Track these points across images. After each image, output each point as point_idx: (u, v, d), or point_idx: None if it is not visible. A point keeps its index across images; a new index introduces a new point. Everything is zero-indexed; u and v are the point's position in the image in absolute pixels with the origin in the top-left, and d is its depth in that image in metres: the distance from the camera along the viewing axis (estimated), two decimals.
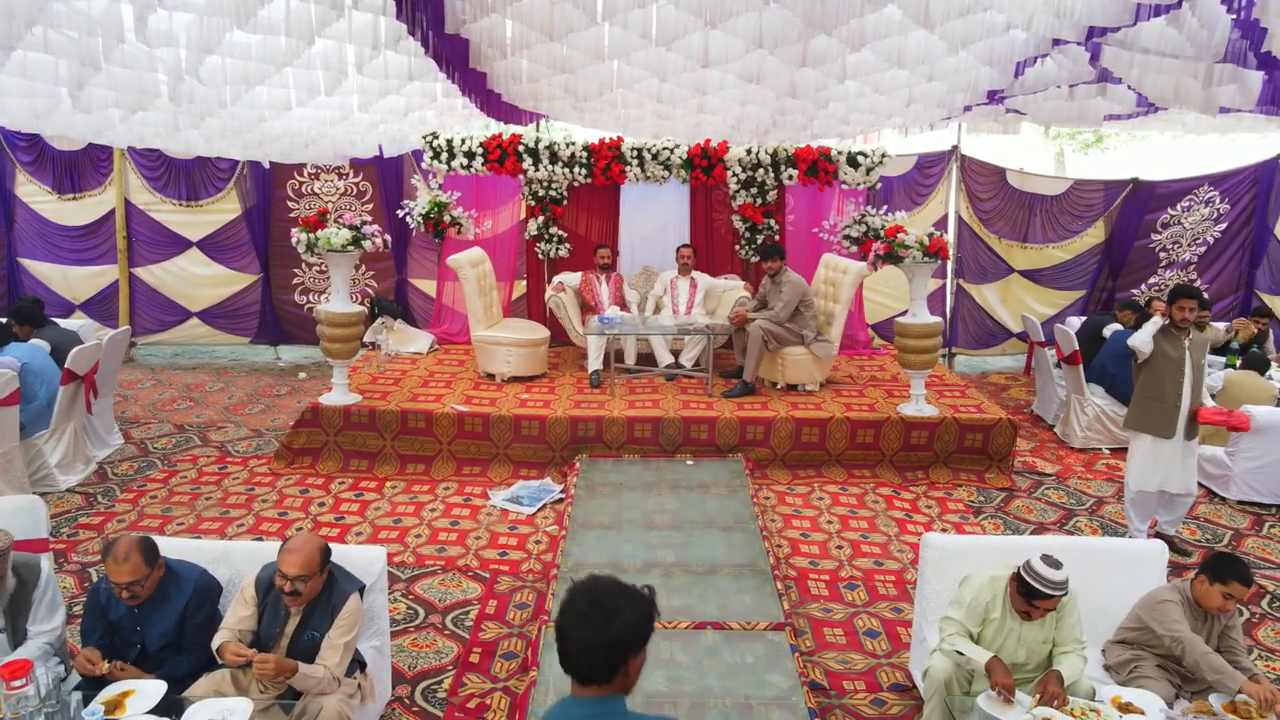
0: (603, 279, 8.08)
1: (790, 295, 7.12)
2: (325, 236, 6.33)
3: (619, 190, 8.61)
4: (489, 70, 5.80)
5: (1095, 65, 5.51)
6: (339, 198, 9.01)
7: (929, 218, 9.28)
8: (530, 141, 8.19)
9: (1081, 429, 7.33)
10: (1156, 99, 5.55)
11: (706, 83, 5.79)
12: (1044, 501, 6.33)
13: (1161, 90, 5.27)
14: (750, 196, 8.38)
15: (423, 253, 9.15)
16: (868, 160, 8.16)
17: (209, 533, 5.51)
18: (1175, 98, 5.26)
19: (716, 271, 8.60)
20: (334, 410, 6.64)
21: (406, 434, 6.68)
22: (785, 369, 7.31)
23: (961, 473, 6.72)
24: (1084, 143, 24.10)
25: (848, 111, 6.69)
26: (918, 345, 6.66)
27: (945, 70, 5.67)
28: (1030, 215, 9.26)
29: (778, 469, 6.70)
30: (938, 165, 9.25)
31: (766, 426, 6.70)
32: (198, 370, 9.14)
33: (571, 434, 6.66)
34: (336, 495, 6.17)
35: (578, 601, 2.06)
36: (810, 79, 5.76)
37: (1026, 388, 9.02)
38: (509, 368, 7.44)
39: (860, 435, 6.73)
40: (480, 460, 6.69)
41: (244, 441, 7.12)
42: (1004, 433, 6.71)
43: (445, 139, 8.18)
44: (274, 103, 5.95)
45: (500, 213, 8.76)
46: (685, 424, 6.68)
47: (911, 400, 6.84)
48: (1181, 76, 5.02)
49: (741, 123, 6.99)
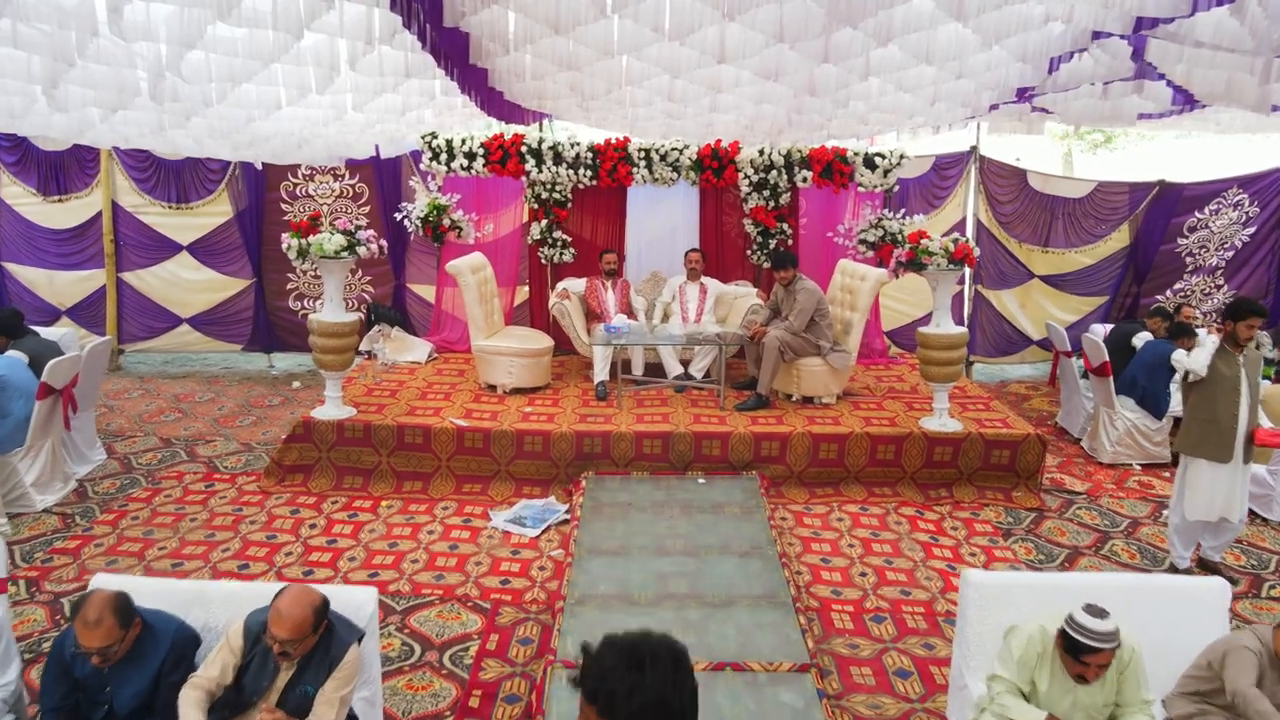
0: (608, 285, 7.75)
1: (805, 304, 6.78)
2: (318, 242, 6.00)
3: (625, 193, 8.28)
4: (490, 67, 5.46)
5: (1137, 60, 5.18)
6: (334, 200, 8.68)
7: (946, 221, 8.95)
8: (533, 142, 7.87)
9: (1111, 444, 6.99)
10: (1204, 96, 5.22)
11: (721, 80, 5.46)
12: (1076, 523, 5.99)
13: (1211, 87, 4.94)
14: (762, 199, 8.05)
15: (422, 257, 8.82)
16: (885, 162, 7.83)
17: (192, 558, 5.18)
18: (1226, 94, 4.92)
19: (727, 277, 8.27)
20: (326, 425, 6.31)
21: (403, 450, 6.36)
22: (800, 381, 6.97)
23: (987, 491, 6.38)
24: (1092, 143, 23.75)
25: (868, 110, 6.35)
26: (941, 357, 6.32)
27: (975, 67, 5.34)
28: (1052, 219, 8.93)
29: (794, 487, 6.37)
30: (956, 167, 8.91)
31: (782, 442, 6.36)
32: (188, 379, 8.81)
33: (577, 450, 6.33)
34: (329, 516, 5.84)
35: (661, 665, 1.78)
36: (831, 76, 5.42)
37: (1049, 398, 8.69)
38: (511, 379, 7.11)
39: (881, 451, 6.40)
40: (481, 477, 6.36)
41: (233, 456, 6.79)
42: (1032, 449, 6.38)
43: (445, 139, 7.85)
44: (263, 101, 5.63)
45: (502, 216, 8.43)
46: (696, 440, 6.35)
47: (934, 414, 6.51)
48: (1235, 72, 4.69)
49: (755, 122, 6.66)
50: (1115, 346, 7.18)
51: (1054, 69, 5.30)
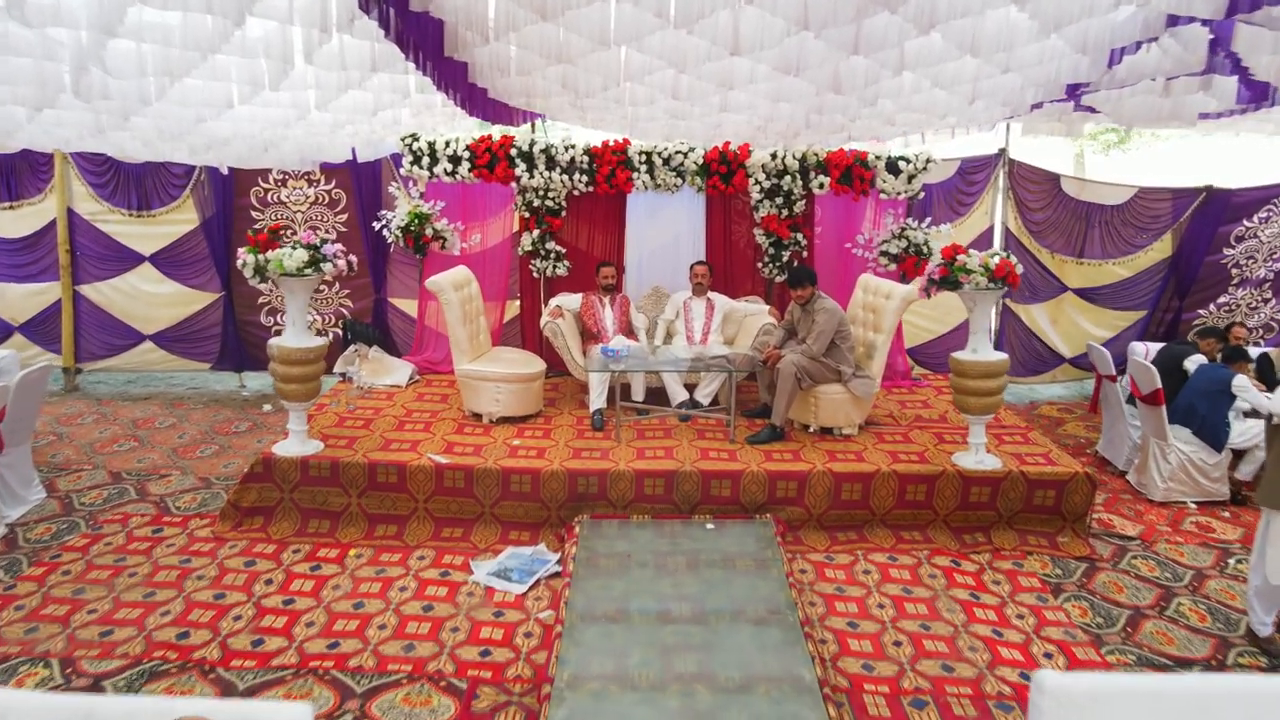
0: (606, 301, 7.06)
1: (825, 325, 6.10)
2: (277, 259, 5.32)
3: (625, 200, 7.60)
4: (469, 59, 4.78)
5: (1214, 51, 4.50)
6: (309, 207, 8.00)
7: (972, 230, 8.28)
8: (523, 144, 7.19)
9: (1163, 479, 6.30)
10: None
11: (733, 74, 4.77)
12: (1133, 575, 5.30)
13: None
14: (775, 207, 7.37)
15: (404, 269, 8.14)
16: (910, 166, 7.15)
17: (124, 624, 4.49)
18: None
19: (735, 292, 7.60)
20: (289, 462, 5.63)
21: (375, 490, 5.67)
22: (819, 410, 6.29)
23: (1029, 536, 5.70)
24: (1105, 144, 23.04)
25: (896, 110, 5.67)
26: (979, 387, 5.63)
27: (1025, 59, 4.65)
28: (1088, 227, 8.24)
29: (813, 531, 5.68)
30: (983, 171, 8.23)
31: (800, 482, 5.68)
32: (149, 401, 8.12)
33: (570, 491, 5.64)
34: (288, 568, 5.16)
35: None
36: (859, 70, 4.74)
37: (1086, 422, 8.00)
38: (498, 407, 6.43)
39: (910, 492, 5.71)
40: (462, 520, 5.68)
41: (188, 495, 6.10)
42: (1080, 490, 5.69)
43: (426, 141, 7.17)
44: (211, 99, 4.94)
45: (490, 225, 7.76)
46: (704, 479, 5.67)
47: (969, 450, 5.82)
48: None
49: (770, 123, 5.97)
50: (1164, 370, 6.49)
51: (1114, 62, 4.61)
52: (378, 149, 7.52)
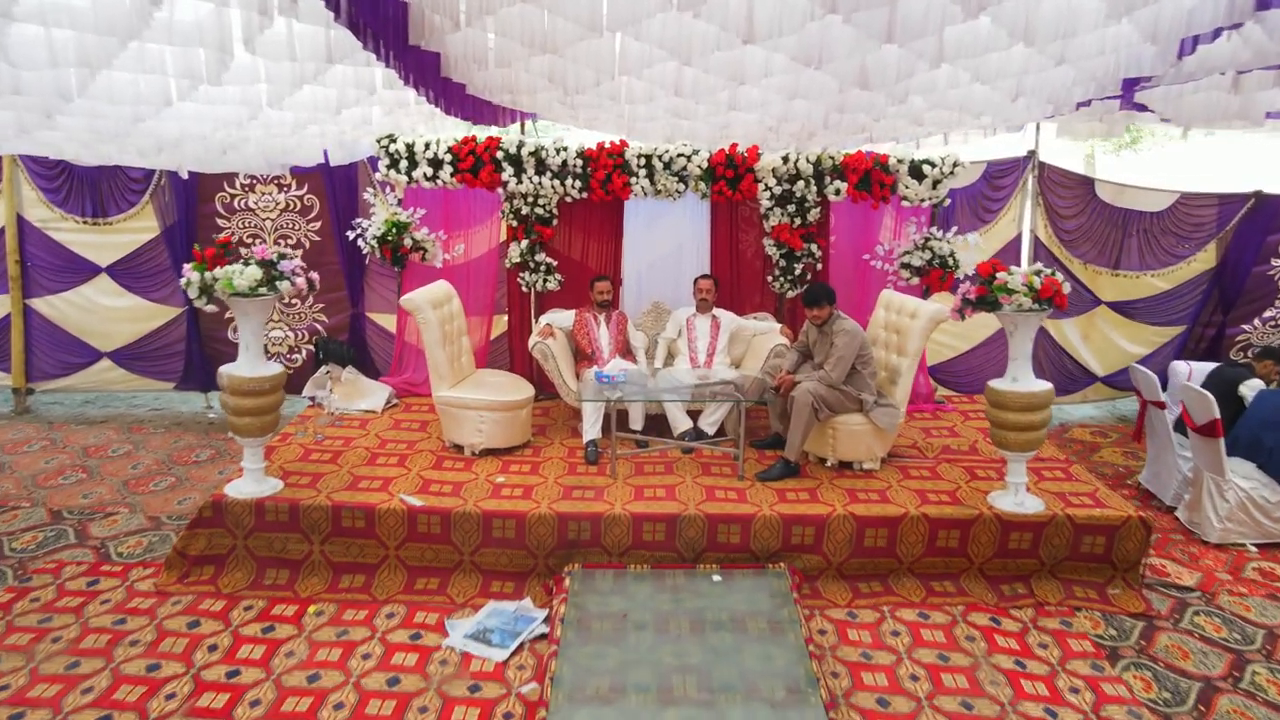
0: (601, 319, 6.43)
1: (845, 349, 5.47)
2: (225, 277, 4.68)
3: (622, 208, 6.96)
4: (440, 49, 4.14)
5: None
6: (279, 214, 7.36)
7: (998, 238, 7.64)
8: (510, 146, 6.55)
9: (1219, 519, 5.66)
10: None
11: (745, 67, 4.14)
12: (1198, 636, 4.66)
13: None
14: (786, 215, 6.73)
15: (383, 281, 7.50)
16: (936, 170, 6.51)
17: (39, 705, 3.86)
18: None
19: (743, 308, 6.96)
20: (242, 505, 5.00)
21: (340, 536, 5.04)
22: (837, 442, 5.65)
23: (1075, 587, 5.07)
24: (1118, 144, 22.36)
25: (926, 108, 5.03)
26: (1020, 420, 5.00)
27: (1085, 49, 4.01)
28: (1124, 236, 7.60)
29: (833, 582, 5.05)
30: (1010, 175, 7.58)
31: (818, 527, 5.05)
32: (106, 425, 7.48)
33: (559, 537, 5.01)
34: (236, 630, 4.52)
35: None
36: (891, 62, 4.10)
37: (1122, 448, 7.36)
38: (481, 438, 5.79)
39: (942, 537, 5.08)
40: (438, 569, 5.05)
41: (133, 538, 5.47)
42: (1133, 536, 5.06)
43: (404, 143, 6.54)
44: (146, 94, 4.30)
45: (475, 235, 7.12)
46: (710, 523, 5.04)
47: (1009, 490, 5.19)
48: None
49: (783, 123, 5.34)
50: (1215, 395, 5.85)
51: (1185, 52, 3.98)
52: (352, 151, 6.89)
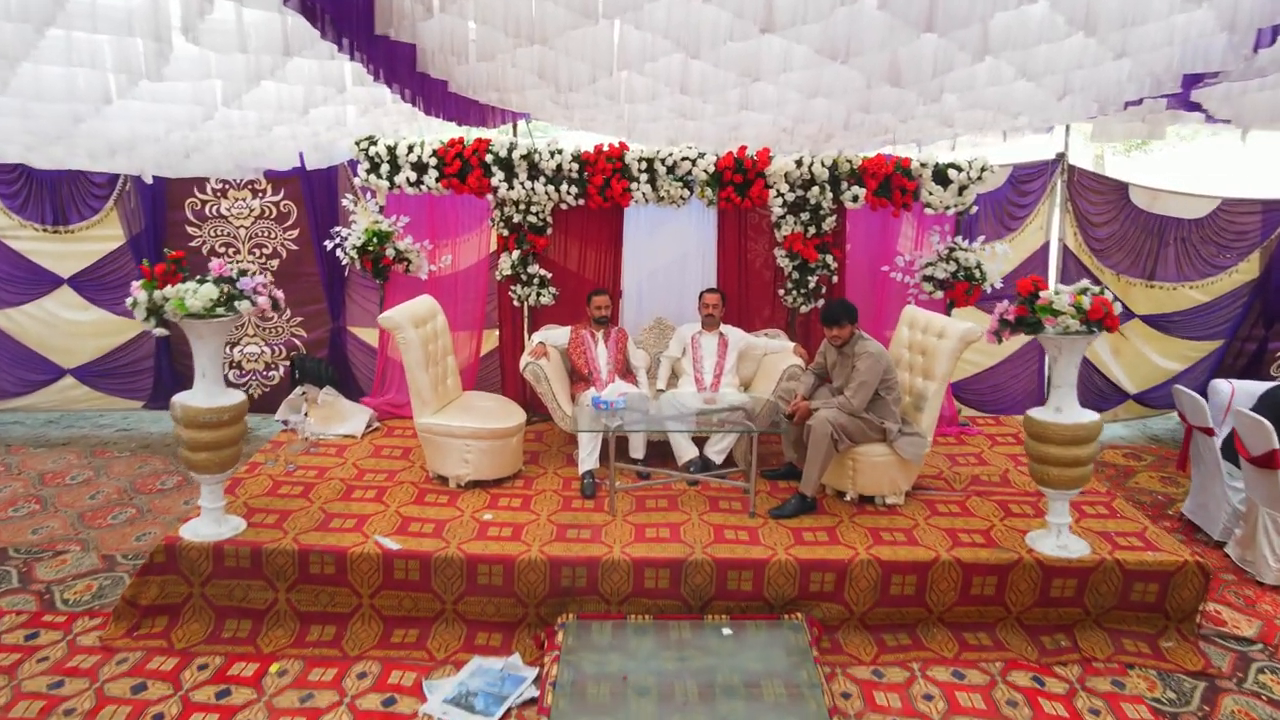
0: (599, 337, 5.92)
1: (868, 374, 4.96)
2: (176, 297, 4.18)
3: (622, 215, 6.46)
4: (415, 41, 3.63)
5: None
6: (254, 222, 6.86)
7: (1024, 247, 7.14)
8: (501, 149, 6.05)
9: (1276, 557, 5.15)
10: None
11: (761, 60, 3.63)
12: (1265, 699, 4.15)
13: None
14: (800, 224, 6.23)
15: (367, 293, 6.99)
16: (962, 175, 6.00)
17: None
18: None
19: (751, 324, 6.46)
20: (198, 550, 4.50)
21: (309, 583, 4.54)
22: (858, 475, 5.15)
23: (1124, 639, 4.57)
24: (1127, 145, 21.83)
25: (960, 108, 4.52)
26: (1065, 455, 4.49)
27: (1153, 38, 3.51)
28: (1160, 245, 7.10)
29: (856, 634, 4.55)
30: (1038, 179, 7.08)
31: (839, 573, 4.54)
32: (68, 448, 6.97)
33: (552, 584, 4.51)
34: (187, 695, 4.02)
35: None
36: (928, 55, 3.60)
37: (1157, 471, 6.85)
38: (467, 469, 5.29)
39: (976, 585, 4.58)
40: (418, 620, 4.55)
41: (82, 581, 4.96)
42: (1189, 583, 4.57)
43: (385, 145, 6.04)
44: (82, 91, 3.80)
45: (463, 244, 6.62)
46: (719, 569, 4.53)
47: (1050, 531, 4.69)
48: None
49: (800, 124, 4.84)
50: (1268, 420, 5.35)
51: (1263, 44, 3.48)
52: (329, 154, 6.38)
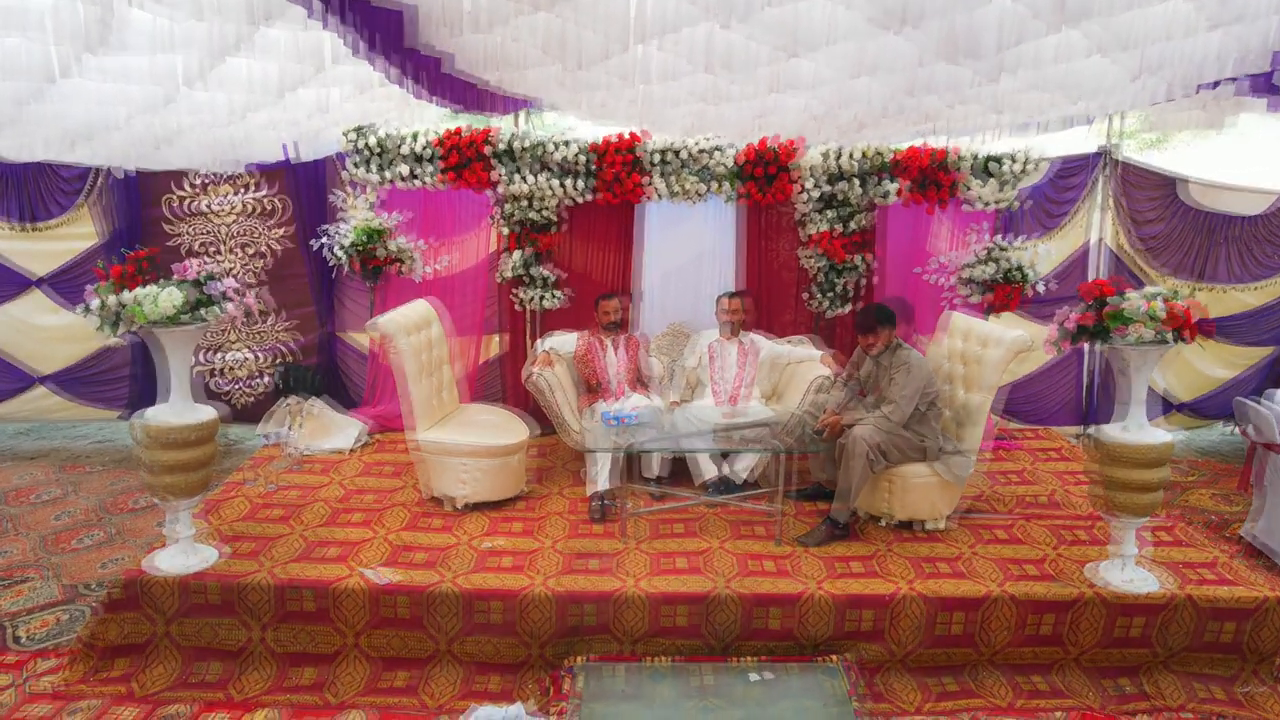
0: (610, 344, 5.45)
1: (910, 386, 4.48)
2: (136, 303, 3.71)
3: (635, 212, 5.98)
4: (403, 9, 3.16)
5: None
6: (238, 219, 6.39)
7: (1065, 246, 6.64)
8: (503, 140, 5.57)
9: None
10: None
11: (802, 31, 3.14)
12: None
13: None
14: (828, 222, 5.74)
15: (359, 296, 6.51)
16: (1008, 168, 5.52)
17: None
18: None
19: (775, 329, 5.97)
20: (165, 585, 4.03)
21: (289, 621, 4.07)
22: (896, 497, 4.68)
23: (1196, 684, 4.09)
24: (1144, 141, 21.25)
25: (1019, 89, 4.03)
26: (1135, 479, 4.00)
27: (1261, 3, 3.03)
28: (1212, 244, 6.61)
29: (899, 677, 4.07)
30: (1080, 174, 6.58)
31: (879, 610, 4.07)
32: (38, 462, 6.50)
33: (560, 622, 4.04)
34: None
35: None
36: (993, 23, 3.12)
37: (1211, 489, 6.35)
38: (466, 490, 4.82)
39: (1032, 623, 4.10)
40: (410, 661, 4.08)
41: (40, 615, 4.48)
42: (1272, 621, 4.09)
43: (377, 136, 5.57)
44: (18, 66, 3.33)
45: (463, 243, 6.16)
46: (746, 606, 4.06)
47: (1116, 564, 4.20)
48: None
49: (837, 110, 4.35)
50: None
51: None
52: (316, 146, 5.91)
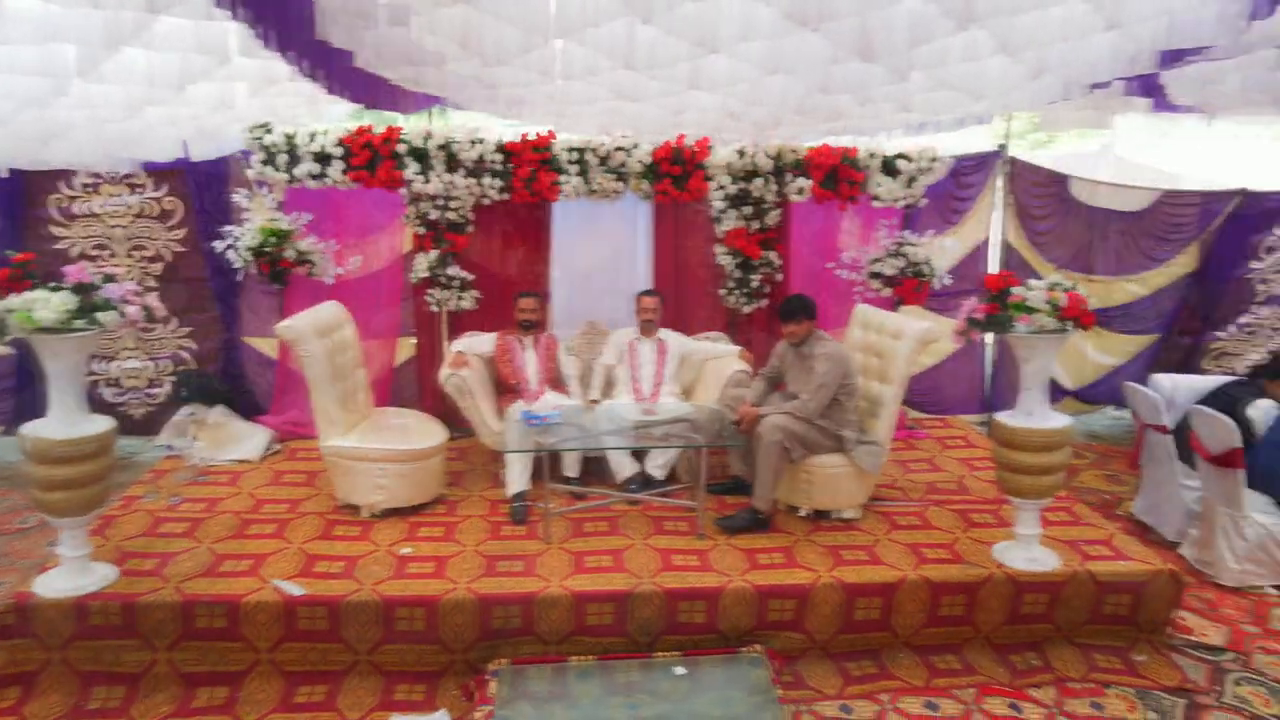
0: (527, 344, 5.40)
1: (828, 376, 4.58)
2: (22, 309, 3.49)
3: (550, 211, 5.95)
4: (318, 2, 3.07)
5: None
6: (132, 221, 6.09)
7: (965, 242, 6.90)
8: (415, 138, 5.46)
9: (1236, 559, 4.97)
10: None
11: (720, 27, 3.18)
12: (1247, 714, 3.92)
13: None
14: (742, 219, 5.82)
15: (264, 299, 6.27)
16: (913, 165, 5.70)
17: None
18: None
19: (690, 326, 6.02)
20: (57, 608, 3.81)
21: (195, 640, 3.90)
22: (813, 488, 4.77)
23: (1096, 654, 4.30)
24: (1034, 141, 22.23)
25: (926, 88, 4.17)
26: (1036, 463, 4.19)
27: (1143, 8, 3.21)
28: (1100, 238, 6.97)
29: (818, 665, 4.16)
30: (979, 172, 6.85)
31: (799, 600, 4.15)
32: None
33: (481, 626, 3.99)
34: None
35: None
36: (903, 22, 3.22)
37: (1101, 470, 6.70)
38: (382, 496, 4.71)
39: (945, 604, 4.25)
40: (326, 674, 3.96)
41: None
42: (1162, 592, 4.33)
43: (283, 133, 5.39)
44: None
45: (374, 244, 6.01)
46: (668, 600, 4.08)
47: (1019, 544, 4.39)
48: None
49: (751, 107, 4.41)
50: None
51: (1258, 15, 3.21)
52: (218, 143, 5.68)
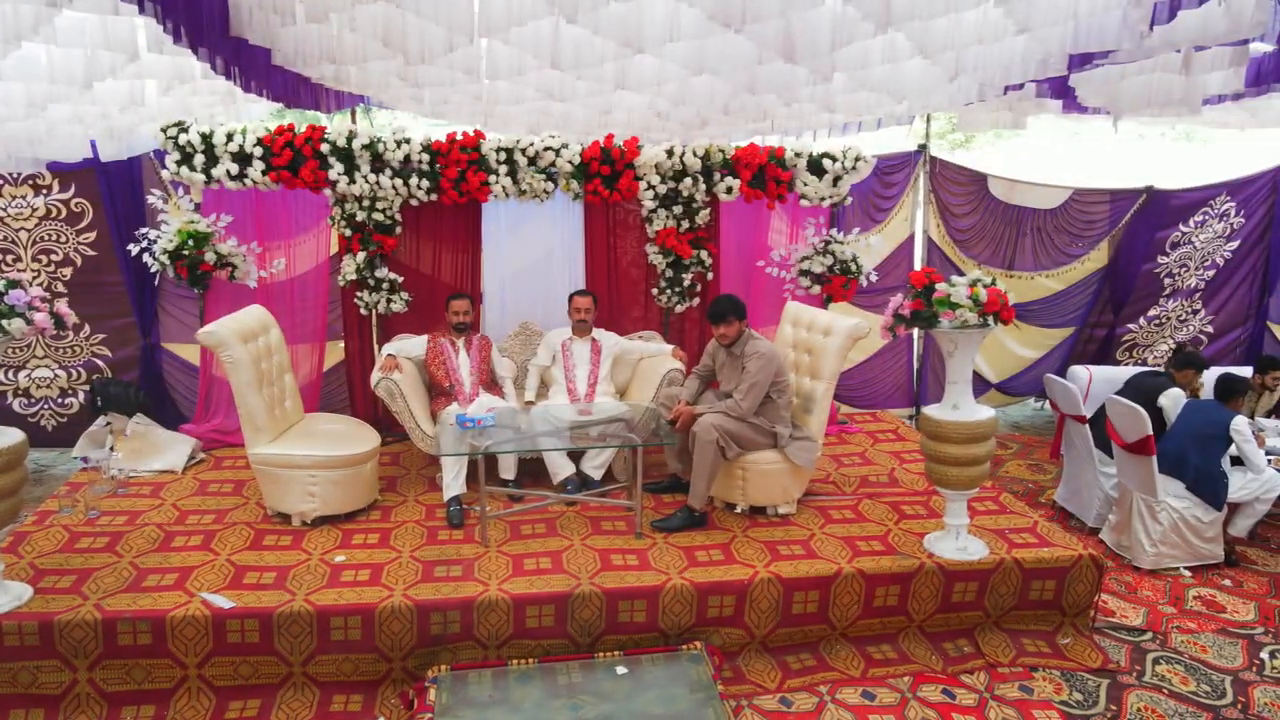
0: (460, 346, 5.34)
1: (760, 375, 4.63)
2: None
3: (480, 212, 5.88)
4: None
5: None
6: (38, 224, 5.82)
7: (891, 239, 7.05)
8: (338, 138, 5.35)
9: (1152, 542, 5.20)
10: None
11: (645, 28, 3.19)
12: (1167, 692, 4.10)
13: None
14: (673, 218, 5.85)
15: (183, 304, 6.08)
16: (838, 165, 5.80)
17: None
18: None
19: (623, 325, 6.04)
20: None
21: (118, 658, 3.75)
22: (748, 485, 4.82)
23: (1024, 638, 4.45)
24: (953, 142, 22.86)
25: (848, 89, 4.25)
26: (963, 454, 4.30)
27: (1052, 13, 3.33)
28: (1018, 235, 7.20)
29: (758, 659, 4.21)
30: (902, 170, 7.01)
31: (738, 596, 4.18)
32: None
33: (420, 633, 3.92)
34: None
35: None
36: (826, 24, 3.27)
37: (1024, 460, 6.93)
38: (313, 503, 4.60)
39: (880, 595, 4.33)
40: (258, 688, 3.85)
41: None
42: (1085, 577, 4.50)
43: (199, 132, 5.22)
44: None
45: (298, 246, 5.86)
46: (609, 600, 4.07)
47: (949, 534, 4.50)
48: None
49: (678, 107, 4.43)
50: None
51: (1159, 20, 3.35)
52: (129, 143, 5.46)
